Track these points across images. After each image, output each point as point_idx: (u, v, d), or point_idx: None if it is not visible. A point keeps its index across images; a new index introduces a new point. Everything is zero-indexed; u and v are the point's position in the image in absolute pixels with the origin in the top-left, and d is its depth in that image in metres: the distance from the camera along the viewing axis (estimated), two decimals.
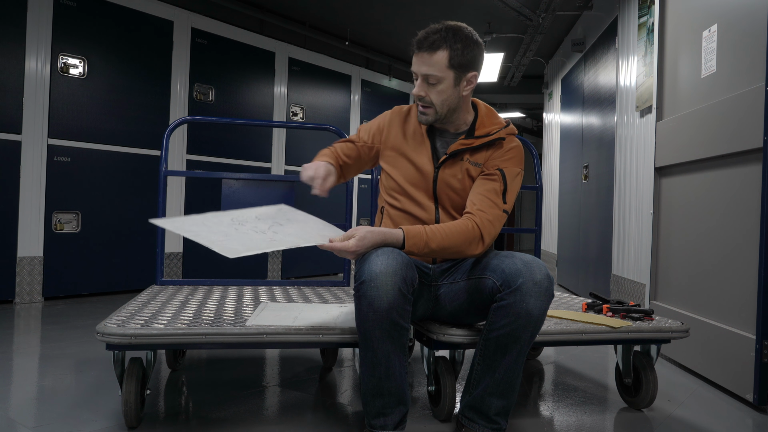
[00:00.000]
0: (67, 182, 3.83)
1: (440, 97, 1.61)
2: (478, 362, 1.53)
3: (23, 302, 3.65)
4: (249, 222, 1.49)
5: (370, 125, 1.80)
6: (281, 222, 1.53)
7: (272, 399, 1.96)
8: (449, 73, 1.59)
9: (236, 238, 1.40)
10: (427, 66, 1.58)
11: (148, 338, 1.51)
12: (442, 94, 1.61)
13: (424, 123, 1.67)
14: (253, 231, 1.44)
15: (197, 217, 1.49)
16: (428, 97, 1.62)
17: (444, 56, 1.57)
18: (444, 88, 1.60)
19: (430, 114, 1.64)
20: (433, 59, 1.57)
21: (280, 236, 1.45)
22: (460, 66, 1.59)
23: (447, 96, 1.61)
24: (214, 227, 1.44)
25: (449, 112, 1.65)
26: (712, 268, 2.28)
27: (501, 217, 1.61)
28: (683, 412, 1.94)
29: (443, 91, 1.60)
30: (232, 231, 1.43)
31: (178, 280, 2.51)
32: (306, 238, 1.46)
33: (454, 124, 1.71)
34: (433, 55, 1.57)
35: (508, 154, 1.68)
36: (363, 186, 5.95)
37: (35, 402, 1.85)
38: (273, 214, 1.58)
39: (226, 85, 4.76)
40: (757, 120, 1.97)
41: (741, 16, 2.13)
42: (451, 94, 1.62)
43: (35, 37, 3.66)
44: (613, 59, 3.98)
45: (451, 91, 1.61)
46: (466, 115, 1.71)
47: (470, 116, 1.72)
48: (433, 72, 1.58)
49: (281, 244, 1.41)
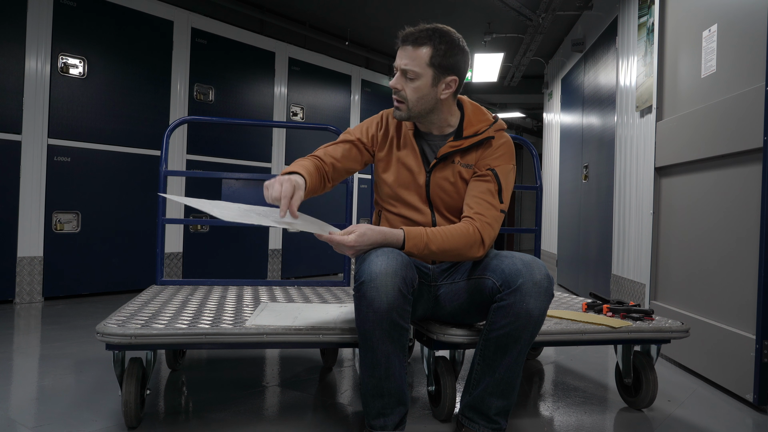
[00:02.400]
0: (67, 182, 3.83)
1: (415, 94, 1.59)
2: (478, 362, 1.53)
3: (23, 302, 3.65)
4: (254, 212, 1.49)
5: (365, 126, 1.77)
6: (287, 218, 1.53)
7: (272, 399, 1.96)
8: (428, 71, 1.58)
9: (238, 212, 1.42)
10: (408, 60, 1.57)
11: (148, 338, 1.51)
12: (418, 91, 1.59)
13: (397, 118, 1.65)
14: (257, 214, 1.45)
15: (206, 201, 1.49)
16: (403, 92, 1.60)
17: (426, 53, 1.56)
18: (420, 85, 1.59)
19: (403, 110, 1.62)
20: (414, 54, 1.57)
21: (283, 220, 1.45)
22: (441, 67, 1.58)
23: (422, 95, 1.60)
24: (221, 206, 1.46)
25: (424, 112, 1.63)
26: (712, 268, 2.28)
27: (499, 217, 1.61)
28: (683, 412, 1.94)
29: (419, 88, 1.59)
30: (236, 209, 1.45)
31: (178, 280, 2.51)
32: (306, 226, 1.46)
33: (436, 126, 1.69)
34: (415, 50, 1.57)
35: (498, 151, 1.67)
36: (363, 186, 5.95)
37: (35, 402, 1.85)
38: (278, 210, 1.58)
39: (226, 85, 4.76)
40: (757, 120, 1.97)
41: (741, 16, 2.13)
42: (426, 94, 1.60)
43: (35, 37, 3.66)
44: (613, 59, 3.98)
45: (427, 90, 1.59)
46: (449, 117, 1.69)
47: (455, 118, 1.70)
48: (411, 67, 1.57)
49: (277, 223, 1.42)
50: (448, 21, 1.69)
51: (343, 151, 1.72)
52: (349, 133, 1.76)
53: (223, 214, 1.38)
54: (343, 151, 1.72)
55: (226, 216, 1.37)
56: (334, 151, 1.71)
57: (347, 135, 1.75)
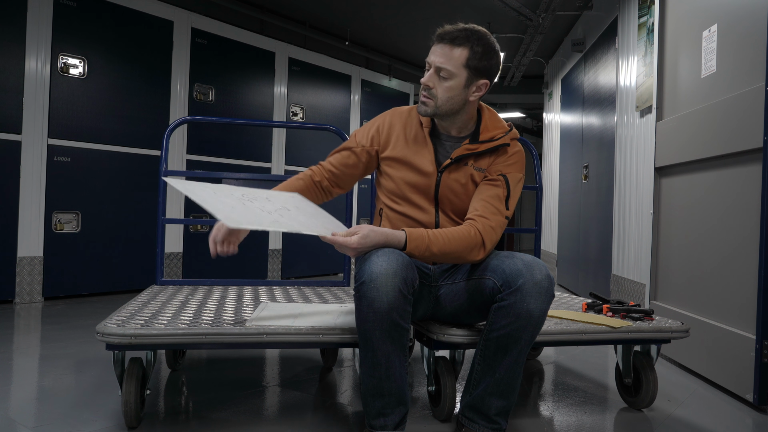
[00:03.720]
0: (67, 182, 3.83)
1: (447, 93, 1.59)
2: (478, 362, 1.53)
3: (23, 302, 3.65)
4: (258, 200, 1.49)
5: (368, 128, 1.77)
6: (290, 208, 1.52)
7: (272, 399, 1.96)
8: (463, 72, 1.57)
9: (241, 211, 1.41)
10: (444, 59, 1.57)
11: (148, 338, 1.51)
12: (450, 91, 1.59)
13: (422, 114, 1.64)
14: (260, 209, 1.44)
15: (209, 186, 1.48)
16: (435, 90, 1.60)
17: (463, 54, 1.56)
18: (453, 85, 1.58)
19: (430, 106, 1.61)
20: (451, 53, 1.56)
21: (285, 220, 1.44)
22: (476, 69, 1.58)
23: (454, 95, 1.59)
24: (223, 197, 1.44)
25: (450, 112, 1.63)
26: (712, 268, 2.28)
27: (503, 223, 1.61)
28: (683, 412, 1.94)
29: (452, 88, 1.59)
30: (239, 204, 1.44)
31: (178, 280, 2.51)
32: (309, 227, 1.45)
33: (457, 127, 1.69)
34: (453, 49, 1.56)
35: (511, 159, 1.67)
36: (363, 186, 5.95)
37: (35, 402, 1.85)
38: (284, 199, 1.57)
39: (226, 85, 4.76)
40: (757, 120, 1.97)
41: (741, 16, 2.13)
42: (458, 94, 1.60)
43: (35, 37, 3.66)
44: (613, 59, 3.98)
45: (459, 90, 1.59)
46: (470, 119, 1.69)
47: (473, 121, 1.70)
48: (447, 66, 1.57)
49: (283, 227, 1.41)
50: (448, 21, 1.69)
51: (341, 158, 1.76)
52: (351, 138, 1.79)
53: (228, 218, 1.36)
54: (341, 158, 1.76)
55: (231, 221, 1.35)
56: (335, 158, 1.77)
57: (348, 141, 1.78)
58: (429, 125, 1.70)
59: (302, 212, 1.54)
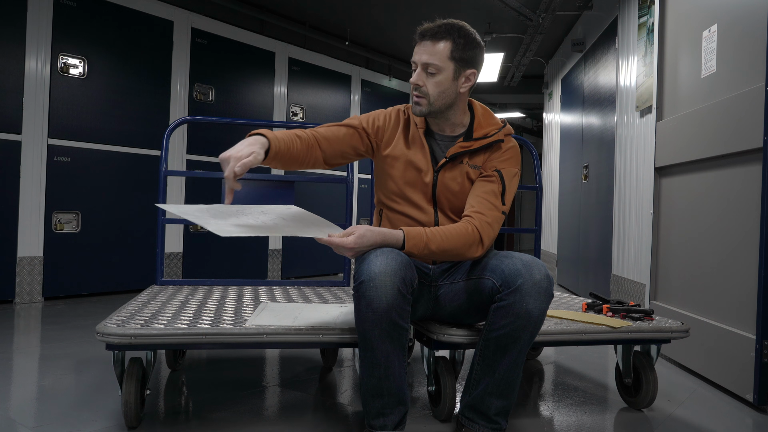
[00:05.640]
0: (67, 182, 3.83)
1: (437, 88, 1.60)
2: (478, 362, 1.53)
3: (23, 302, 3.65)
4: (253, 214, 1.48)
5: (372, 117, 1.73)
6: (286, 217, 1.51)
7: (272, 399, 1.96)
8: (449, 64, 1.59)
9: (233, 221, 1.41)
10: (429, 55, 1.58)
11: (148, 338, 1.51)
12: (440, 85, 1.60)
13: (417, 114, 1.64)
14: (253, 220, 1.44)
15: (203, 207, 1.48)
16: (425, 87, 1.61)
17: (447, 47, 1.58)
18: (442, 79, 1.60)
19: (424, 105, 1.62)
20: (435, 48, 1.58)
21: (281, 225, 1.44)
22: (461, 60, 1.59)
23: (444, 89, 1.60)
24: (216, 212, 1.44)
25: (444, 108, 1.63)
26: (712, 268, 2.28)
27: (499, 218, 1.61)
28: (683, 412, 1.94)
29: (441, 82, 1.60)
30: (233, 217, 1.44)
31: (178, 280, 2.51)
32: (304, 230, 1.45)
33: (450, 124, 1.69)
34: (435, 44, 1.58)
35: (505, 155, 1.68)
36: (363, 186, 5.95)
37: (35, 402, 1.85)
38: (280, 211, 1.53)
39: (226, 85, 4.76)
40: (757, 120, 1.97)
41: (741, 16, 2.13)
42: (448, 87, 1.61)
43: (35, 37, 3.66)
44: (613, 59, 3.98)
45: (448, 84, 1.60)
46: (463, 116, 1.70)
47: (467, 117, 1.71)
48: (433, 61, 1.58)
49: (276, 231, 1.41)
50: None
51: (339, 132, 1.68)
52: (353, 119, 1.73)
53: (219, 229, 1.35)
54: (339, 132, 1.68)
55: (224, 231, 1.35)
56: (330, 130, 1.68)
57: (350, 120, 1.72)
58: (423, 125, 1.70)
59: (298, 220, 1.53)
